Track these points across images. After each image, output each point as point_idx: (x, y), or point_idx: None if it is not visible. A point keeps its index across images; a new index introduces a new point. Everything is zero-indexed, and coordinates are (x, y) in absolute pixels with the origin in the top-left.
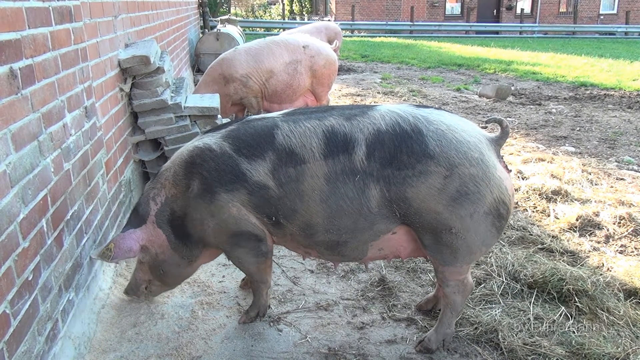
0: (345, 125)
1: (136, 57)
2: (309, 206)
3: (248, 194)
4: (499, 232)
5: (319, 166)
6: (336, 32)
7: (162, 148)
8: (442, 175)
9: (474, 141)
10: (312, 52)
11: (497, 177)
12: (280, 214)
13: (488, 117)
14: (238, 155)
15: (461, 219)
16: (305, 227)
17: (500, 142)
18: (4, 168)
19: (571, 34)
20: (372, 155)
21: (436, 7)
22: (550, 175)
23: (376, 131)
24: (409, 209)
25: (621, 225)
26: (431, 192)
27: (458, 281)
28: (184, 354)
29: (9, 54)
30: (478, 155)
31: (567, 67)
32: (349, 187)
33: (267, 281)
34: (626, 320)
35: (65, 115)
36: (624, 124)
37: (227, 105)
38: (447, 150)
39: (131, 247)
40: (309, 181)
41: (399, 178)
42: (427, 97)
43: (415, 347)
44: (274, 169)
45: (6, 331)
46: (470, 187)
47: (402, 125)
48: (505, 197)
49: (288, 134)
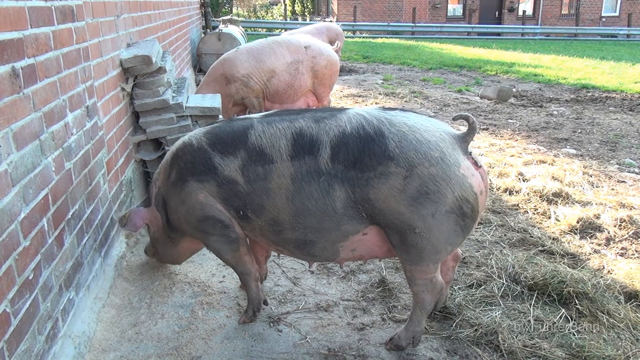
0: (312, 128)
1: (138, 57)
2: (275, 203)
3: (217, 185)
4: (465, 230)
5: (285, 166)
6: (337, 33)
7: (164, 148)
8: (402, 175)
9: (434, 140)
10: (314, 52)
11: (459, 175)
12: (248, 209)
13: (455, 115)
14: (212, 150)
15: (423, 218)
16: (273, 223)
17: (468, 138)
18: (6, 167)
19: (573, 36)
20: (336, 157)
21: (438, 9)
22: (551, 178)
23: (341, 134)
24: (373, 210)
25: (622, 228)
26: (392, 193)
27: (426, 280)
28: (183, 353)
29: (11, 53)
30: (438, 154)
31: (568, 69)
32: (314, 187)
33: (250, 272)
34: (626, 322)
35: (66, 115)
36: (625, 127)
37: (228, 105)
38: (406, 151)
39: (136, 222)
40: (276, 180)
41: (363, 180)
42: (429, 99)
43: (386, 345)
44: (244, 166)
45: (6, 330)
46: (430, 186)
47: (366, 127)
48: (468, 195)
49: (260, 135)
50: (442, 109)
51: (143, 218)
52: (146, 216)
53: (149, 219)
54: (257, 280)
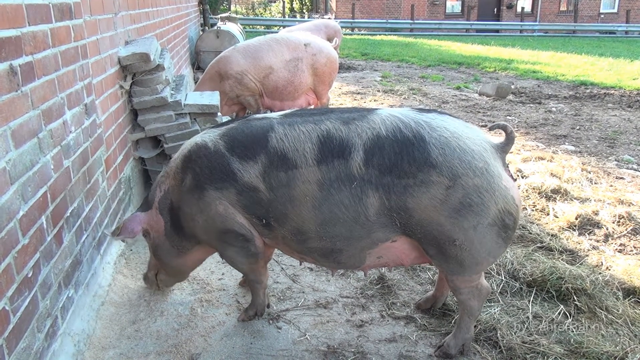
0: (342, 130)
1: (136, 55)
2: (300, 212)
3: (237, 193)
4: (506, 242)
5: (311, 172)
6: (336, 30)
7: (162, 145)
8: (444, 185)
9: (478, 149)
10: (314, 50)
11: (503, 188)
12: (270, 217)
13: (492, 124)
14: (231, 154)
15: (464, 231)
16: (297, 233)
17: (506, 149)
18: (4, 165)
19: (571, 33)
20: (370, 162)
21: (436, 6)
22: (550, 174)
23: (375, 136)
24: (410, 220)
25: (620, 224)
26: (433, 203)
27: (471, 288)
28: (183, 351)
29: (9, 50)
30: (482, 164)
31: (567, 65)
32: (345, 194)
33: (262, 281)
34: (625, 319)
35: (65, 113)
36: (623, 123)
37: (222, 102)
38: (450, 159)
39: (133, 228)
40: (301, 187)
41: (400, 187)
42: (427, 96)
43: (434, 351)
44: (265, 172)
45: (6, 328)
46: (474, 198)
47: (404, 131)
48: (511, 208)
49: (282, 138)
50: (441, 106)
51: (141, 222)
52: (145, 220)
53: (148, 224)
54: (265, 288)
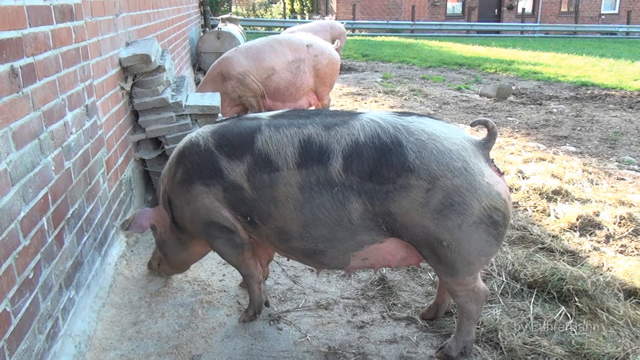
0: (322, 135)
1: (137, 56)
2: (283, 212)
3: (223, 190)
4: (498, 239)
5: (292, 175)
6: (341, 32)
7: (163, 147)
8: (424, 188)
9: (456, 149)
10: (316, 51)
11: (485, 185)
12: (254, 215)
13: (474, 120)
14: (219, 152)
15: (449, 231)
16: (280, 232)
17: (489, 144)
18: (5, 166)
19: (572, 34)
20: (349, 168)
21: (437, 7)
22: (551, 175)
23: (354, 143)
24: (395, 224)
25: (621, 225)
26: (414, 207)
27: (468, 290)
28: (184, 352)
29: (10, 52)
30: (461, 164)
31: (568, 66)
32: (326, 197)
33: (253, 275)
34: (626, 320)
35: (66, 114)
36: (624, 124)
37: (224, 103)
38: (427, 162)
39: (142, 224)
40: (282, 189)
41: (382, 193)
42: (428, 97)
43: (436, 353)
44: (250, 172)
45: (7, 329)
46: (455, 198)
47: (382, 137)
48: (497, 204)
49: (267, 140)
50: (442, 107)
51: (149, 218)
52: (152, 216)
53: (155, 219)
54: (259, 282)
